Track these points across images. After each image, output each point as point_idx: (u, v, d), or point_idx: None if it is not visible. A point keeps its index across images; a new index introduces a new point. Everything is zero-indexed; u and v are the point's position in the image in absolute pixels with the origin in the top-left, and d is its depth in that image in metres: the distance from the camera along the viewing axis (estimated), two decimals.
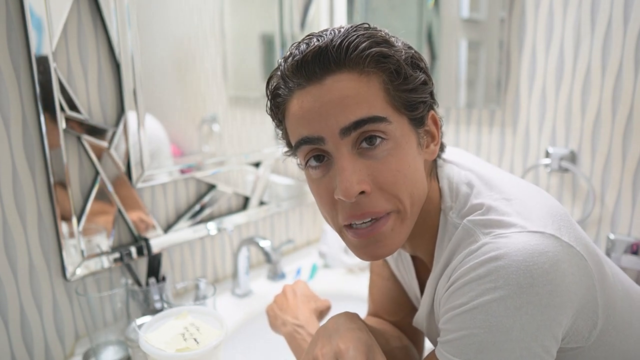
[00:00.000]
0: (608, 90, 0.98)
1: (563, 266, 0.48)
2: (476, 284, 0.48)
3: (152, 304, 0.94)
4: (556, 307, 0.47)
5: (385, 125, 0.51)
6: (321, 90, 0.51)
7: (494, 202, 0.54)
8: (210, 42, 1.09)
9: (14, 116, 0.79)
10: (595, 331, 0.54)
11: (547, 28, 1.04)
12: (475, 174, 0.59)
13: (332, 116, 0.51)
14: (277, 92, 0.55)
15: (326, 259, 1.30)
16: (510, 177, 0.60)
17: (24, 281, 0.84)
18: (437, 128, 0.59)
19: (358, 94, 0.50)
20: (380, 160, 0.52)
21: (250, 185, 1.23)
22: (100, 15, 0.88)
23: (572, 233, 0.51)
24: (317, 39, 0.52)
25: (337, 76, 0.51)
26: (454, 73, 1.19)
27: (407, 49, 0.54)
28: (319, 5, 1.30)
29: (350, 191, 0.50)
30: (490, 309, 0.47)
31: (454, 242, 0.55)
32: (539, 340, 0.47)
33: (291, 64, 0.52)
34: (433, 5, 1.19)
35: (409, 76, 0.53)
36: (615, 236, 0.99)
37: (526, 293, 0.46)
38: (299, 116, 0.53)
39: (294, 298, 0.81)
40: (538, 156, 1.10)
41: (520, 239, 0.48)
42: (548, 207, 0.53)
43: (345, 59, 0.50)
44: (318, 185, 0.55)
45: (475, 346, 0.48)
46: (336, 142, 0.51)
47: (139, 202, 0.99)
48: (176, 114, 1.06)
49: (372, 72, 0.51)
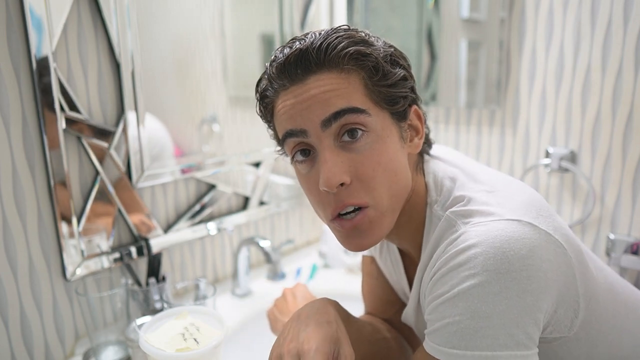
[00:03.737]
0: (608, 90, 0.98)
1: (540, 252, 0.49)
2: (456, 272, 0.50)
3: (152, 304, 0.94)
4: (535, 292, 0.48)
5: (365, 117, 0.54)
6: (303, 88, 0.54)
7: (475, 194, 0.56)
8: (210, 42, 1.09)
9: (14, 116, 0.79)
10: (577, 320, 0.55)
11: (547, 28, 1.04)
12: (460, 169, 0.61)
13: (313, 109, 0.54)
14: (264, 93, 0.59)
15: (326, 259, 1.30)
16: (493, 172, 0.62)
17: (24, 281, 0.84)
18: (421, 122, 0.61)
19: (338, 88, 0.54)
20: (361, 153, 0.54)
21: (250, 185, 1.23)
22: (100, 15, 0.88)
23: (551, 222, 0.53)
24: (299, 42, 0.55)
25: (318, 75, 0.54)
26: (454, 73, 1.19)
27: (386, 47, 0.57)
28: (319, 5, 1.30)
29: (332, 181, 0.53)
30: (471, 296, 0.48)
31: (437, 233, 0.57)
32: (520, 326, 0.48)
33: (275, 67, 0.56)
34: (433, 5, 1.19)
35: (388, 72, 0.56)
36: (615, 236, 0.99)
37: (504, 279, 0.47)
38: (284, 112, 0.56)
39: (294, 301, 0.81)
40: (538, 156, 1.10)
41: (497, 226, 0.50)
42: (528, 198, 0.55)
43: (325, 59, 0.54)
44: (306, 179, 0.58)
45: (459, 333, 0.48)
46: (318, 135, 0.54)
47: (139, 202, 0.99)
48: (176, 114, 1.06)
49: (351, 70, 0.54)
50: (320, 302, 0.65)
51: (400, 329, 0.79)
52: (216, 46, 1.11)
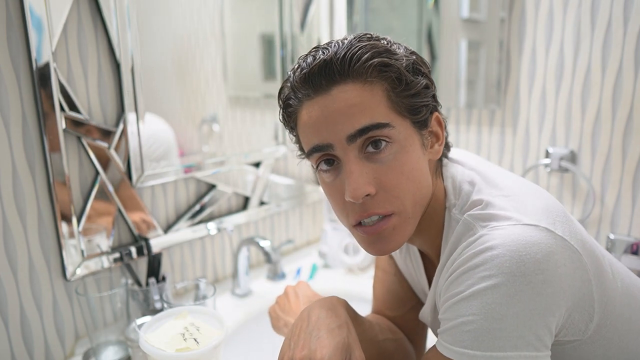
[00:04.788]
0: (608, 90, 0.98)
1: (555, 257, 0.50)
2: (472, 273, 0.50)
3: (152, 304, 0.94)
4: (549, 296, 0.49)
5: (389, 131, 0.55)
6: (327, 100, 0.55)
7: (492, 198, 0.56)
8: (210, 42, 1.09)
9: (14, 116, 0.79)
10: (592, 324, 0.55)
11: (547, 28, 1.04)
12: (478, 172, 0.62)
13: (339, 124, 0.54)
14: (288, 102, 0.59)
15: (326, 259, 1.30)
16: (511, 176, 0.63)
17: (24, 281, 0.84)
18: (442, 128, 0.62)
19: (362, 102, 0.54)
20: (385, 163, 0.55)
21: (250, 185, 1.23)
22: (100, 15, 0.88)
23: (567, 228, 0.53)
24: (322, 52, 0.55)
25: (342, 86, 0.54)
26: (454, 73, 1.19)
27: (408, 55, 0.58)
28: (319, 5, 1.30)
29: (358, 193, 0.54)
30: (485, 296, 0.49)
31: (456, 236, 0.58)
32: (532, 329, 0.48)
33: (299, 76, 0.56)
34: (433, 5, 1.19)
35: (410, 82, 0.56)
36: (615, 236, 0.99)
37: (519, 282, 0.48)
38: (309, 125, 0.57)
39: (296, 299, 0.81)
40: (538, 156, 1.10)
41: (514, 230, 0.51)
42: (545, 204, 0.56)
43: (349, 70, 0.54)
44: (330, 188, 0.59)
45: (472, 334, 0.49)
46: (344, 148, 0.55)
47: (139, 202, 0.99)
48: (176, 114, 1.06)
49: (375, 82, 0.54)
50: (329, 302, 0.65)
51: (406, 330, 0.80)
52: (216, 46, 1.11)
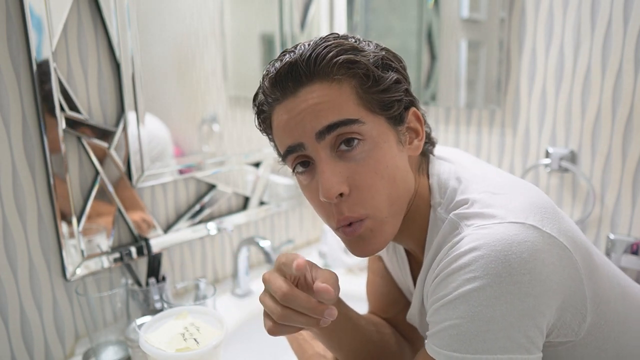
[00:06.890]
0: (608, 90, 0.98)
1: (542, 256, 0.48)
2: (457, 275, 0.50)
3: (152, 304, 0.94)
4: (537, 296, 0.48)
5: (359, 127, 0.54)
6: (296, 102, 0.55)
7: (478, 196, 0.55)
8: (210, 42, 1.09)
9: (14, 116, 0.79)
10: (584, 325, 0.54)
11: (547, 28, 1.04)
12: (466, 170, 0.60)
13: (307, 122, 0.54)
14: (261, 108, 0.60)
15: (326, 259, 1.30)
16: (500, 173, 0.61)
17: (24, 281, 0.84)
18: (421, 124, 0.61)
19: (330, 100, 0.54)
20: (358, 162, 0.55)
21: (250, 185, 1.23)
22: (100, 15, 0.88)
23: (556, 225, 0.52)
24: (288, 55, 0.55)
25: (309, 87, 0.54)
26: (454, 73, 1.19)
27: (377, 51, 0.57)
28: (319, 5, 1.30)
29: (330, 192, 0.53)
30: (471, 299, 0.48)
31: (441, 236, 0.57)
32: (522, 330, 0.47)
33: (268, 81, 0.57)
34: (433, 5, 1.19)
35: (379, 78, 0.55)
36: (615, 236, 0.99)
37: (505, 282, 0.47)
38: (281, 128, 0.57)
39: None
40: (538, 156, 1.10)
41: (499, 229, 0.49)
42: (533, 200, 0.54)
43: (315, 70, 0.54)
44: (308, 190, 0.59)
45: (460, 337, 0.48)
46: (314, 147, 0.55)
47: (139, 202, 0.99)
48: (176, 114, 1.06)
49: (342, 79, 0.54)
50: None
51: (402, 330, 0.79)
52: (216, 46, 1.11)
